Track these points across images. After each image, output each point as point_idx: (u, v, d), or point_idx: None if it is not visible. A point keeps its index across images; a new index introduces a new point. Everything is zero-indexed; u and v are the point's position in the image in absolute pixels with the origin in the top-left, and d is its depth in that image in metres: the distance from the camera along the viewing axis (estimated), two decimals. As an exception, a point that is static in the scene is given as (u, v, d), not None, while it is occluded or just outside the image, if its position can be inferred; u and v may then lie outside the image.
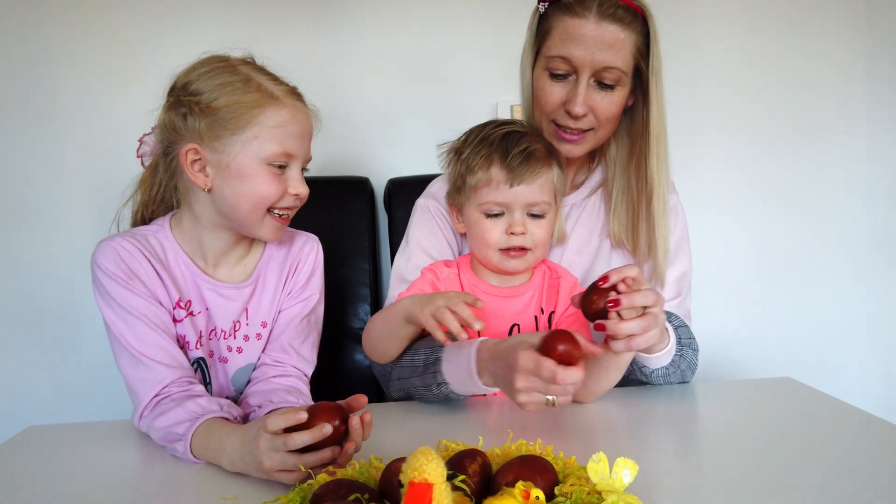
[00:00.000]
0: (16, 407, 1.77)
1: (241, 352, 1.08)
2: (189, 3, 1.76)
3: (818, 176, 2.00)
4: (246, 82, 0.98)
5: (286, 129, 0.98)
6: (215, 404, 0.92)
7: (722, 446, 0.89)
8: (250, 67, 1.01)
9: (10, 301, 1.77)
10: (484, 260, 1.09)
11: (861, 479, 0.76)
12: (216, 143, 0.97)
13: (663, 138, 1.14)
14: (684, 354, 1.07)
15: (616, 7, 1.06)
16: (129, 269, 0.99)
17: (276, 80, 1.02)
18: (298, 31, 1.80)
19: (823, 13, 1.95)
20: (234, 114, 0.96)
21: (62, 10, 1.71)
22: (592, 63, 1.07)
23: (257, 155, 0.97)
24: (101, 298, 0.99)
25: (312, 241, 1.16)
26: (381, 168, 1.83)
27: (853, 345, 2.05)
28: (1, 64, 1.71)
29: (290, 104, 0.99)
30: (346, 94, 1.82)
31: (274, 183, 0.98)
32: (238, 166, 0.97)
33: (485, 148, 1.06)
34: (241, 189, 0.98)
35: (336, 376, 1.62)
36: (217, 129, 0.96)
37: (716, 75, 1.94)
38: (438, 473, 0.53)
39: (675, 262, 1.18)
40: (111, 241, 1.00)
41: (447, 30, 1.84)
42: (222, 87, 0.97)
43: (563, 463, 0.69)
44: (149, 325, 0.97)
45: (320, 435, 0.75)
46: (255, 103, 0.97)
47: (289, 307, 1.11)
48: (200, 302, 1.05)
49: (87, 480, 0.85)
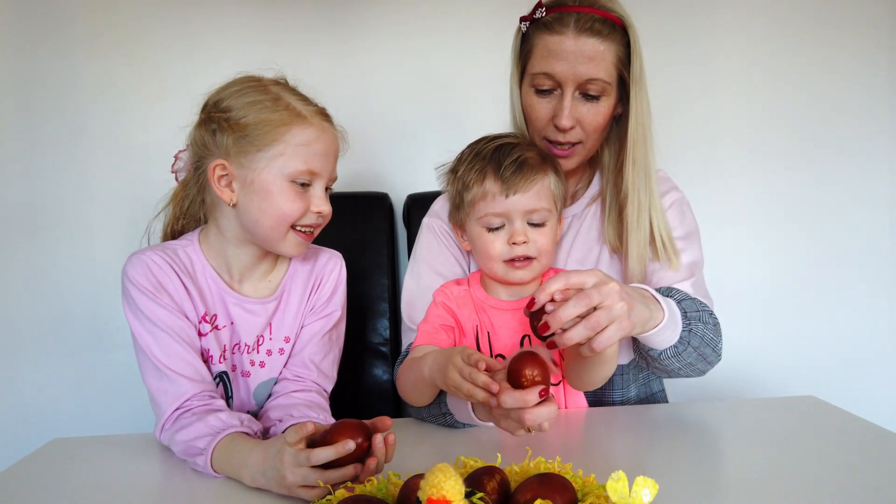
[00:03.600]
0: (41, 418, 1.80)
1: (263, 366, 1.09)
2: (213, 23, 1.79)
3: (840, 191, 1.97)
4: (275, 101, 0.99)
5: (311, 147, 1.00)
6: (236, 419, 0.93)
7: (744, 466, 0.87)
8: (281, 87, 1.03)
9: (39, 313, 1.80)
10: (490, 273, 1.09)
11: (887, 501, 0.74)
12: (242, 159, 0.98)
13: (641, 144, 1.14)
14: (693, 329, 1.03)
15: (593, 21, 1.08)
16: (158, 283, 1.00)
17: (305, 100, 1.03)
18: (319, 49, 1.82)
19: (845, 27, 1.93)
20: (260, 131, 0.97)
21: (91, 36, 1.76)
22: (575, 76, 1.09)
23: (281, 172, 0.98)
24: (129, 310, 1.01)
25: (336, 257, 1.17)
26: (400, 183, 1.84)
27: (878, 363, 2.02)
28: (35, 85, 1.76)
29: (316, 123, 1.01)
30: (366, 110, 1.84)
31: (296, 200, 0.99)
32: (262, 182, 0.98)
33: (478, 163, 1.07)
34: (264, 205, 0.99)
35: (355, 391, 1.62)
36: (244, 146, 0.98)
37: (736, 91, 1.93)
38: (456, 490, 0.54)
39: (685, 251, 1.16)
40: (142, 254, 1.02)
41: (465, 46, 1.86)
42: (251, 105, 0.99)
43: (583, 481, 0.69)
44: (174, 338, 0.99)
45: (343, 451, 0.76)
46: (282, 121, 0.98)
47: (311, 323, 1.12)
48: (226, 316, 1.06)
49: (109, 493, 0.86)
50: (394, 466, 0.78)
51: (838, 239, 1.98)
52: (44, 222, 1.79)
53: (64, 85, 1.77)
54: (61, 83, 1.76)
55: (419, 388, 1.01)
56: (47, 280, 1.79)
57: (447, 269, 1.20)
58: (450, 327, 1.09)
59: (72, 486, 0.88)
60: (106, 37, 1.77)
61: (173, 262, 1.03)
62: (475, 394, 0.82)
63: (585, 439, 0.97)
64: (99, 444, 1.05)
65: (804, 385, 1.91)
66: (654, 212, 1.15)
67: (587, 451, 0.93)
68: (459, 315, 1.10)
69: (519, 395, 0.79)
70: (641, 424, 1.03)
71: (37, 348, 1.80)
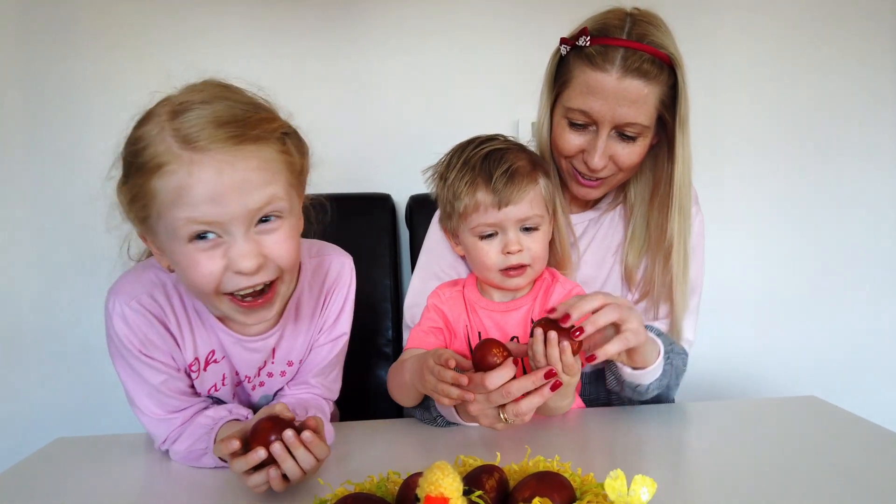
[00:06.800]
0: (44, 418, 1.81)
1: (262, 385, 1.05)
2: (217, 23, 1.80)
3: (842, 192, 1.98)
4: (141, 147, 0.76)
5: (187, 195, 0.74)
6: (223, 410, 0.93)
7: (744, 465, 0.87)
8: (167, 116, 0.76)
9: (39, 312, 1.81)
10: (486, 280, 1.10)
11: (887, 501, 0.74)
12: (148, 235, 0.83)
13: (686, 189, 1.10)
14: (673, 361, 1.07)
15: (642, 61, 1.00)
16: (145, 339, 0.90)
17: (181, 128, 0.74)
18: (322, 50, 1.83)
19: (848, 29, 1.93)
20: (138, 200, 0.78)
21: (95, 34, 1.77)
22: (613, 118, 1.03)
23: (175, 236, 0.77)
24: (115, 360, 0.94)
25: (346, 269, 1.05)
26: (402, 184, 1.84)
27: (879, 363, 2.01)
28: (39, 83, 1.77)
29: (184, 162, 0.74)
30: (368, 111, 1.85)
31: (205, 263, 0.77)
32: (170, 254, 0.80)
33: (468, 173, 1.04)
34: (181, 276, 0.82)
35: (359, 392, 1.62)
36: (137, 213, 0.80)
37: (737, 93, 1.93)
38: (454, 488, 0.54)
39: (691, 296, 1.18)
40: (126, 306, 0.89)
41: (470, 47, 1.86)
42: (129, 167, 0.79)
43: (581, 480, 0.69)
44: (163, 392, 0.93)
45: (255, 460, 0.75)
46: (147, 179, 0.76)
47: (318, 347, 1.04)
48: (221, 350, 0.97)
49: (113, 492, 0.86)
50: (394, 465, 0.78)
51: (839, 239, 1.99)
52: (48, 221, 1.80)
53: (68, 83, 1.77)
54: (65, 81, 1.77)
55: (404, 393, 1.03)
56: (51, 279, 1.80)
57: (454, 270, 1.20)
58: (439, 329, 1.10)
59: (75, 485, 0.89)
60: (110, 35, 1.78)
61: (161, 309, 0.91)
62: (449, 392, 0.85)
63: (584, 439, 0.98)
64: (103, 443, 1.05)
65: (805, 385, 1.91)
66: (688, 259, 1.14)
67: (586, 450, 0.94)
68: (450, 316, 1.11)
69: (497, 372, 0.83)
70: (641, 424, 1.03)
71: (41, 347, 1.81)
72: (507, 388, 0.83)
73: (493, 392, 0.84)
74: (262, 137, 0.78)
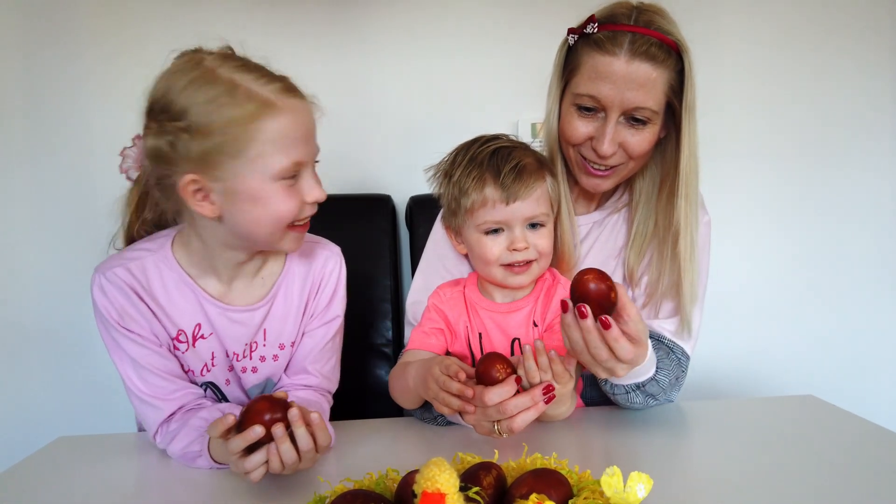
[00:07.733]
0: (46, 417, 1.82)
1: (255, 371, 1.05)
2: (213, 25, 1.80)
3: (841, 193, 1.98)
4: (231, 92, 0.85)
5: (289, 137, 0.87)
6: (216, 412, 0.94)
7: (742, 465, 0.88)
8: (231, 67, 0.87)
9: (40, 312, 1.82)
10: (488, 277, 1.09)
11: (887, 501, 0.75)
12: (216, 172, 0.86)
13: (693, 177, 1.10)
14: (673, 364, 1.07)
15: (649, 45, 1.01)
16: (122, 311, 0.95)
17: (263, 76, 0.88)
18: (322, 50, 1.84)
19: (847, 32, 1.93)
20: (229, 136, 0.84)
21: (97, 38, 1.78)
22: (622, 103, 1.03)
23: (265, 174, 0.87)
24: (103, 334, 0.98)
25: (335, 256, 1.10)
26: (402, 185, 1.85)
27: (878, 363, 2.02)
28: (41, 87, 1.78)
29: (286, 106, 0.87)
30: (369, 112, 1.86)
31: (290, 198, 0.89)
32: (248, 190, 0.87)
33: (475, 169, 1.04)
34: (257, 213, 0.89)
35: (358, 392, 1.63)
36: (214, 156, 0.85)
37: (738, 95, 1.93)
38: (451, 484, 0.54)
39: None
40: (103, 275, 0.95)
41: (469, 49, 1.87)
42: (207, 105, 0.84)
43: (578, 476, 0.70)
44: (148, 368, 0.96)
45: (252, 437, 0.77)
46: (250, 117, 0.85)
47: (312, 330, 1.07)
48: (209, 325, 1.00)
49: (114, 491, 0.87)
50: (393, 463, 0.79)
51: (838, 240, 1.99)
52: (48, 222, 1.81)
53: (69, 87, 1.78)
54: (67, 85, 1.78)
55: (406, 396, 1.04)
56: (52, 279, 1.81)
57: (456, 269, 1.20)
58: (440, 330, 1.11)
59: (77, 484, 0.89)
60: (111, 39, 1.78)
61: (138, 281, 0.96)
62: (450, 403, 0.87)
63: (583, 437, 0.98)
64: (104, 442, 1.06)
65: (803, 384, 1.91)
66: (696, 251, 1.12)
67: (584, 448, 0.94)
68: (450, 317, 1.11)
69: (498, 388, 0.85)
70: (639, 423, 1.03)
71: (42, 347, 1.82)
72: (504, 405, 0.85)
73: (490, 408, 0.85)
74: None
